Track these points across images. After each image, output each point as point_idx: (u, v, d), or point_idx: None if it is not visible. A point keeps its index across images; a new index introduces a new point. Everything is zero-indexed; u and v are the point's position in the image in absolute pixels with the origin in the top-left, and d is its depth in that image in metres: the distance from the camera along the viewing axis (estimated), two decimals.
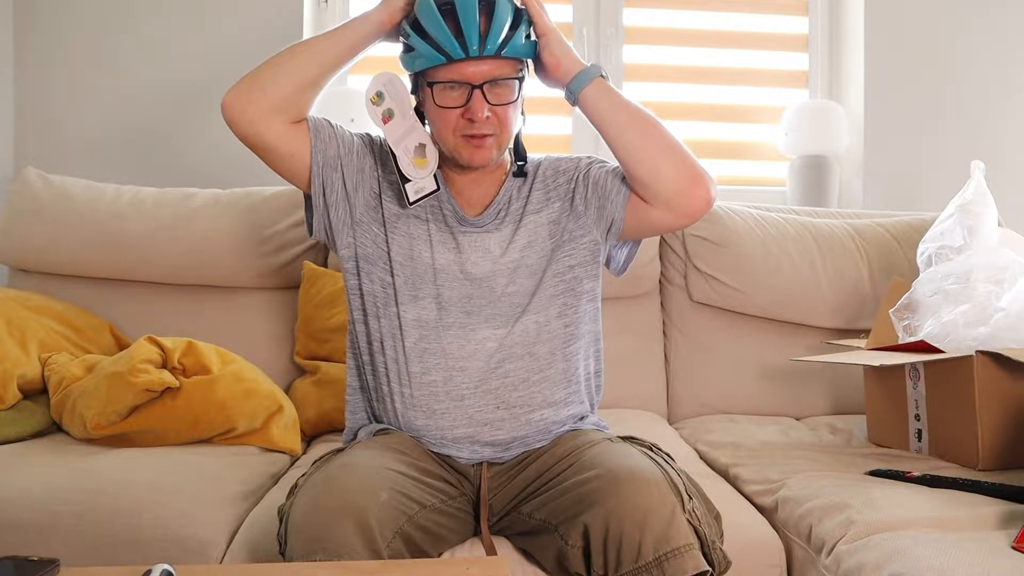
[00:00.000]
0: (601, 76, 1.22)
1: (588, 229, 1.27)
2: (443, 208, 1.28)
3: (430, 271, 1.25)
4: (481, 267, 1.25)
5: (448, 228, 1.27)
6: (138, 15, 2.26)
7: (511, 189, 1.30)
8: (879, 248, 1.99)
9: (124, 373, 1.47)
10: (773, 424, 1.80)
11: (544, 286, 1.26)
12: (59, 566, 0.82)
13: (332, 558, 0.95)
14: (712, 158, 2.51)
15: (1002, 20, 2.41)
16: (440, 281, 1.24)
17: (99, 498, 1.25)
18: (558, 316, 1.26)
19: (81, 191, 1.95)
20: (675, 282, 2.00)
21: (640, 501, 0.99)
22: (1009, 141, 2.41)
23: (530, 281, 1.26)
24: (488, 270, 1.25)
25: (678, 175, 1.19)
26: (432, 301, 1.24)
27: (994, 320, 1.43)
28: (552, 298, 1.26)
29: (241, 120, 1.18)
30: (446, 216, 1.27)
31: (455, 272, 1.25)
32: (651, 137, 1.21)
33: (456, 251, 1.26)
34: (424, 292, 1.24)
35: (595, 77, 1.21)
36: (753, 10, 2.51)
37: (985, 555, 1.00)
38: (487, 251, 1.26)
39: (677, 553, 0.97)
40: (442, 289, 1.24)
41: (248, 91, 1.18)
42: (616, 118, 1.21)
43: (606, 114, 1.21)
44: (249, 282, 1.93)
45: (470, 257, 1.25)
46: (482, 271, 1.25)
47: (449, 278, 1.25)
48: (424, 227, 1.27)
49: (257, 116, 1.18)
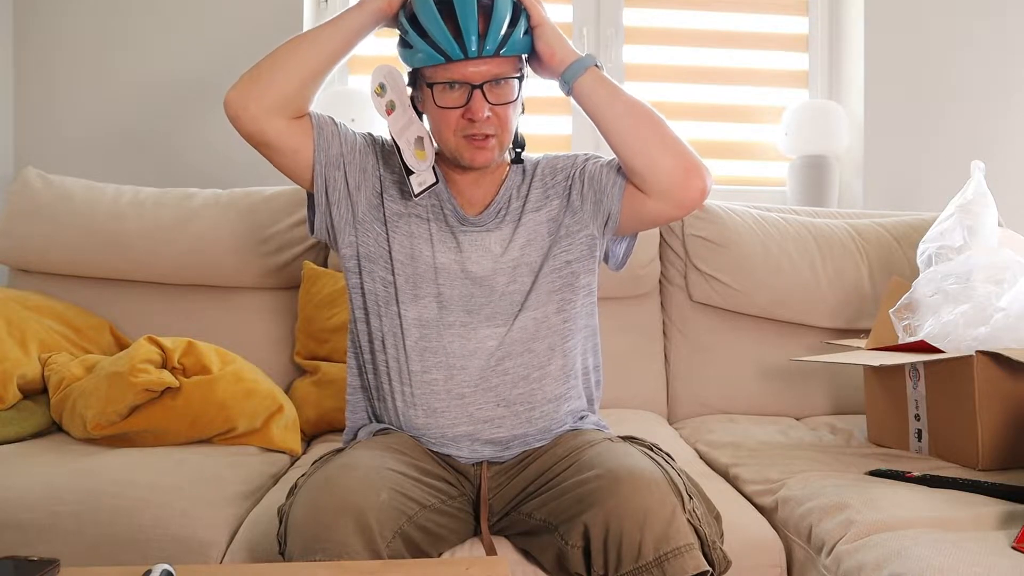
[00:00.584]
0: (596, 66, 1.21)
1: (585, 224, 1.28)
2: (444, 207, 1.28)
3: (431, 270, 1.25)
4: (482, 266, 1.25)
5: (449, 227, 1.27)
6: (138, 15, 2.26)
7: (511, 188, 1.30)
8: (879, 248, 1.99)
9: (124, 373, 1.47)
10: (773, 424, 1.80)
11: (542, 282, 1.26)
12: (59, 566, 0.82)
13: (332, 558, 0.95)
14: (712, 158, 2.51)
15: (1002, 20, 2.41)
16: (441, 280, 1.25)
17: (99, 498, 1.25)
18: (556, 312, 1.26)
19: (81, 191, 1.95)
20: (675, 282, 2.00)
21: (640, 501, 0.99)
22: (1009, 141, 2.41)
23: (529, 278, 1.26)
24: (489, 269, 1.25)
25: (674, 165, 1.19)
26: (433, 300, 1.24)
27: (994, 320, 1.43)
28: (550, 294, 1.26)
29: (243, 116, 1.18)
30: (447, 216, 1.27)
31: (456, 271, 1.25)
32: (647, 127, 1.21)
33: (457, 250, 1.26)
34: (425, 291, 1.24)
35: (590, 67, 1.20)
36: (753, 10, 2.51)
37: (985, 555, 1.00)
38: (488, 250, 1.26)
39: (677, 553, 0.97)
40: (443, 288, 1.24)
41: (249, 88, 1.18)
42: (611, 108, 1.21)
43: (601, 104, 1.21)
44: (249, 282, 1.93)
45: (471, 256, 1.26)
46: (483, 270, 1.25)
47: (450, 277, 1.25)
48: (425, 226, 1.27)
49: (259, 113, 1.17)
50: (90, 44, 2.26)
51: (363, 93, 2.27)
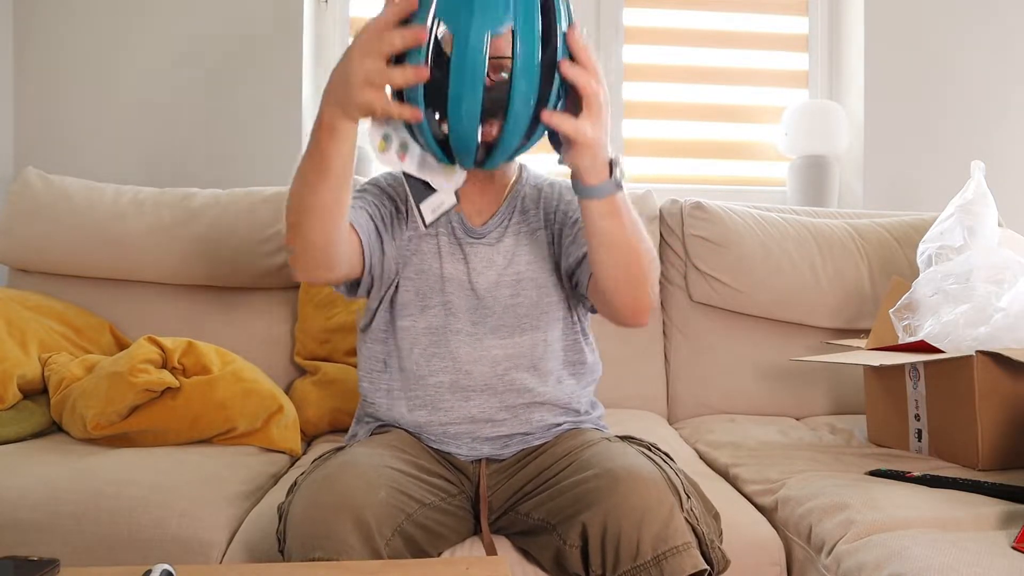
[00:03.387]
0: (618, 188, 1.06)
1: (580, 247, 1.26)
2: (451, 219, 1.28)
3: (439, 281, 1.25)
4: (486, 278, 1.26)
5: (456, 240, 1.27)
6: (138, 15, 2.26)
7: (516, 199, 1.30)
8: (879, 248, 1.99)
9: (124, 373, 1.47)
10: (773, 424, 1.80)
11: (550, 300, 1.27)
12: (59, 566, 0.82)
13: (331, 556, 0.94)
14: (712, 158, 2.52)
15: (1002, 20, 2.41)
16: (448, 289, 1.25)
17: (99, 498, 1.25)
18: (563, 332, 1.28)
19: (81, 191, 1.95)
20: (675, 282, 2.00)
21: (638, 500, 0.99)
22: (1009, 141, 2.41)
23: (535, 294, 1.27)
24: (493, 281, 1.26)
25: (627, 305, 1.16)
26: (441, 308, 1.25)
27: (994, 320, 1.43)
28: (557, 311, 1.28)
29: (313, 280, 1.33)
30: (454, 228, 1.28)
31: (462, 282, 1.25)
32: (626, 269, 1.12)
33: (463, 262, 1.26)
34: (433, 301, 1.25)
35: (610, 194, 1.05)
36: (753, 10, 2.51)
37: (985, 555, 1.00)
38: (491, 262, 1.26)
39: (675, 552, 0.97)
40: (450, 297, 1.25)
41: (298, 260, 1.11)
42: (607, 238, 1.09)
43: (602, 233, 1.09)
44: (249, 282, 1.93)
45: (476, 267, 1.26)
46: (487, 282, 1.25)
47: (456, 287, 1.25)
48: (434, 241, 1.27)
49: (319, 277, 1.16)
50: (90, 44, 2.26)
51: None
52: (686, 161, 2.51)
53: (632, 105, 2.45)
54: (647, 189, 2.05)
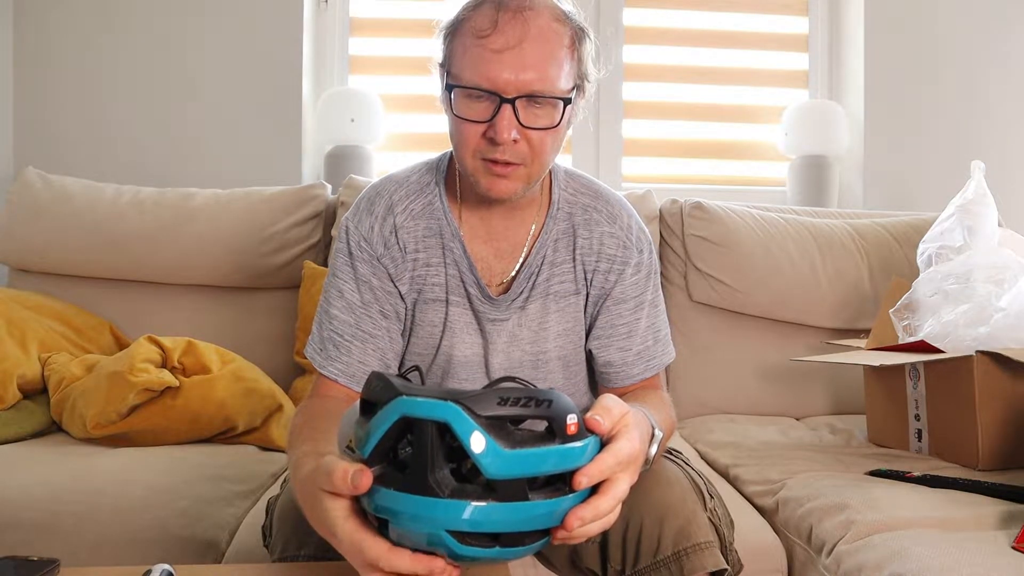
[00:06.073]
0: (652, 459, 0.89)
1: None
2: (464, 280, 1.07)
3: (446, 362, 1.11)
4: (507, 357, 1.10)
5: (472, 311, 1.08)
6: (138, 15, 2.26)
7: (545, 245, 1.08)
8: (879, 248, 1.99)
9: (124, 372, 1.47)
10: (773, 424, 1.80)
11: (575, 377, 1.16)
12: (59, 566, 0.82)
13: (315, 551, 0.90)
14: (712, 158, 2.52)
15: (1002, 21, 2.41)
16: (457, 372, 1.11)
17: (99, 498, 1.25)
18: (583, 386, 1.19)
19: (81, 191, 1.95)
20: (675, 282, 2.00)
21: (661, 497, 0.97)
22: (1009, 141, 2.41)
23: (561, 374, 1.14)
24: (515, 360, 1.11)
25: None
26: (442, 378, 1.12)
27: (994, 320, 1.43)
28: (580, 382, 1.18)
29: None
30: (470, 295, 1.08)
31: (476, 364, 1.11)
32: None
33: (480, 338, 1.09)
34: (435, 378, 1.13)
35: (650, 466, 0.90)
36: (753, 10, 2.51)
37: (985, 555, 1.00)
38: (515, 338, 1.09)
39: (697, 549, 0.95)
40: (458, 379, 1.11)
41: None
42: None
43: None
44: (249, 282, 1.93)
45: (496, 346, 1.09)
46: (507, 361, 1.10)
47: (467, 370, 1.11)
48: (442, 310, 1.08)
49: None
50: (89, 44, 2.26)
51: (363, 93, 2.27)
52: (686, 161, 2.51)
53: (632, 105, 2.45)
54: (647, 189, 2.05)
